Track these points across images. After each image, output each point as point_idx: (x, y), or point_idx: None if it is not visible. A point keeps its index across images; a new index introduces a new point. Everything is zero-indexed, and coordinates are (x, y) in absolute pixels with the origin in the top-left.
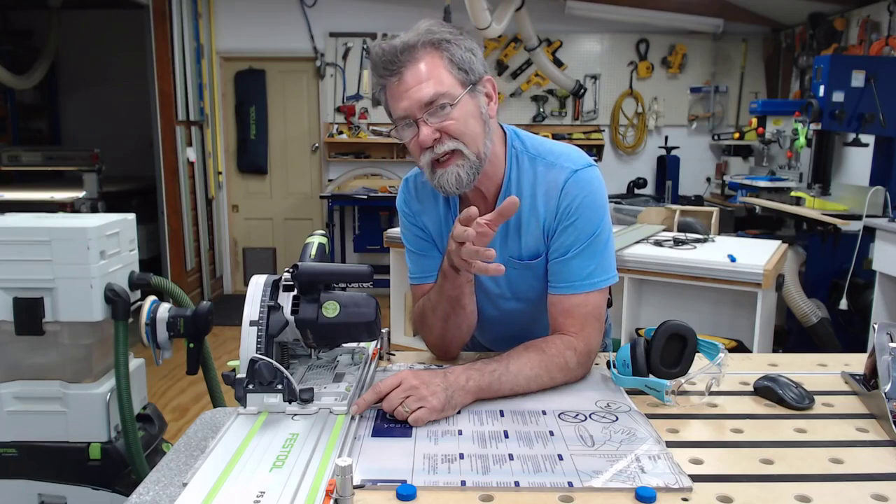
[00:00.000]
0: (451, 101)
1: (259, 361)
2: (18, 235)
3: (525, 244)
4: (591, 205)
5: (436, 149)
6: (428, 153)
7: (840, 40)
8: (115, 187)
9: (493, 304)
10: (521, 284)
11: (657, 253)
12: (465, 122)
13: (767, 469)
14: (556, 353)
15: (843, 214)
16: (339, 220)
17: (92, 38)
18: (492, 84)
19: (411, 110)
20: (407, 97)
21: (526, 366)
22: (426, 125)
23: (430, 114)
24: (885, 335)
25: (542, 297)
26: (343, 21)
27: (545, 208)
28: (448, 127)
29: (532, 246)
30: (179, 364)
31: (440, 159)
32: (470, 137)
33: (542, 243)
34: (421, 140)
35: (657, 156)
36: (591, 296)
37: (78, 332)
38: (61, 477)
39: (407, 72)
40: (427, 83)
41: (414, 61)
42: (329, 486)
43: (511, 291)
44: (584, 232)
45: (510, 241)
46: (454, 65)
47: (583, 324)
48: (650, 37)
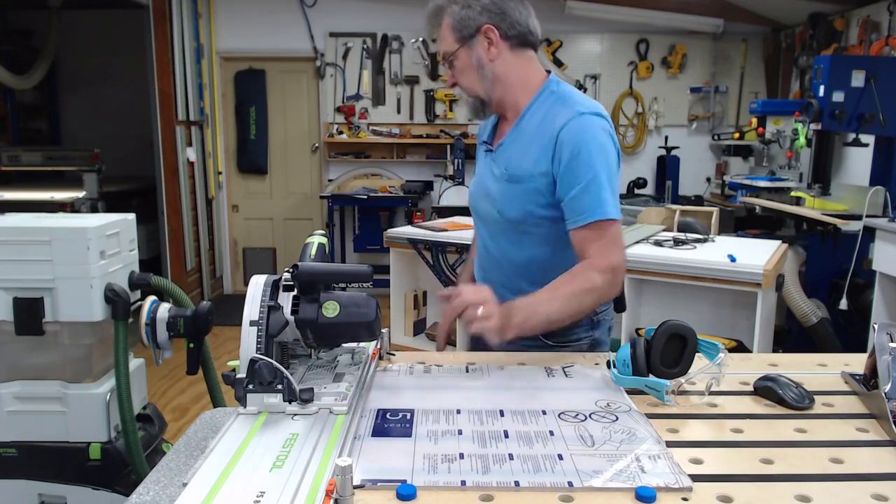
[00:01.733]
0: (453, 57)
1: (259, 361)
2: (18, 235)
3: (521, 162)
4: (589, 143)
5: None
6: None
7: (840, 40)
8: (115, 187)
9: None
10: (510, 204)
11: (657, 253)
12: (462, 73)
13: (767, 469)
14: (579, 273)
15: (843, 214)
16: (339, 220)
17: (92, 38)
18: (491, 31)
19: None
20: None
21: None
22: (450, 69)
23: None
24: (885, 335)
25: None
26: (343, 21)
27: (548, 137)
28: (454, 76)
29: (527, 166)
30: (179, 364)
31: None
32: (467, 85)
33: (535, 167)
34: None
35: (657, 156)
36: (603, 224)
37: (78, 332)
38: (61, 477)
39: (435, 31)
40: (440, 43)
41: (435, 23)
42: (329, 486)
43: (500, 211)
44: (585, 168)
45: (512, 153)
46: (452, 27)
47: (602, 248)
48: (650, 37)
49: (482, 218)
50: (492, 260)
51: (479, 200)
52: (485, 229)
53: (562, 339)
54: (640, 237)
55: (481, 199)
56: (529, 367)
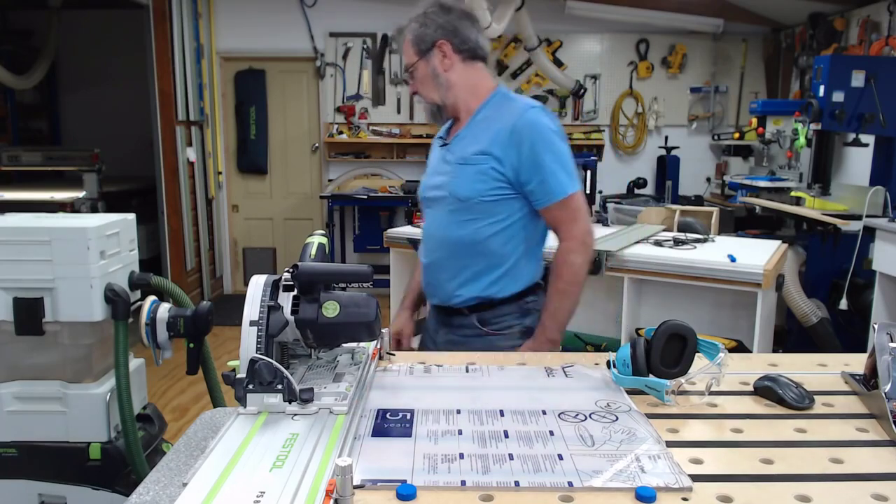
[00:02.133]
0: (413, 69)
1: (259, 361)
2: (18, 235)
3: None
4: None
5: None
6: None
7: (840, 40)
8: (115, 187)
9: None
10: (460, 184)
11: (657, 253)
12: (421, 82)
13: (767, 469)
14: (561, 266)
15: (843, 214)
16: (339, 220)
17: (92, 38)
18: (445, 45)
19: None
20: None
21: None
22: (411, 80)
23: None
24: (885, 335)
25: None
26: (343, 21)
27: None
28: (415, 86)
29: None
30: (179, 364)
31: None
32: (425, 93)
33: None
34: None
35: (657, 156)
36: (569, 199)
37: (78, 332)
38: (61, 477)
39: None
40: (404, 54)
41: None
42: (329, 486)
43: (451, 192)
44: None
45: (466, 143)
46: (411, 41)
47: (570, 222)
48: (650, 37)
49: (433, 203)
50: (440, 243)
51: (429, 189)
52: (435, 214)
53: (496, 328)
54: (640, 237)
55: (432, 188)
56: (529, 367)
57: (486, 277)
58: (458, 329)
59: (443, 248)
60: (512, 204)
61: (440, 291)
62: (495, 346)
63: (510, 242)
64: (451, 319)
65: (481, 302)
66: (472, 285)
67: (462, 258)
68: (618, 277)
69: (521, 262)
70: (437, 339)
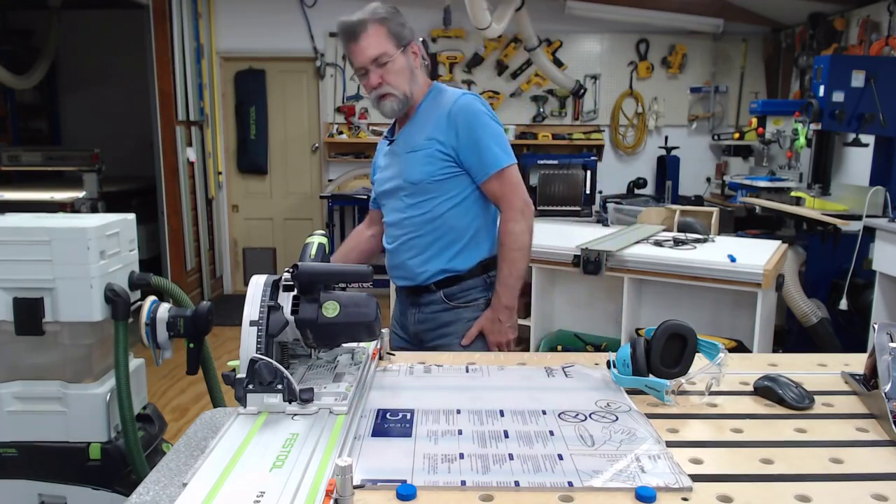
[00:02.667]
0: (389, 58)
1: (259, 361)
2: (18, 235)
3: (418, 136)
4: (476, 114)
5: (379, 90)
6: (372, 93)
7: (840, 40)
8: (115, 187)
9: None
10: (411, 170)
11: (657, 253)
12: (396, 73)
13: (767, 469)
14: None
15: (843, 214)
16: (339, 220)
17: (92, 38)
18: (418, 47)
19: (363, 64)
20: (360, 55)
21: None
22: (374, 73)
23: (376, 66)
24: (885, 335)
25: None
26: None
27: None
28: (387, 75)
29: (422, 138)
30: (179, 364)
31: (382, 95)
32: (397, 83)
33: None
34: (371, 84)
35: (657, 156)
36: (504, 172)
37: (78, 332)
38: (61, 477)
39: (362, 36)
40: (375, 46)
41: (366, 31)
42: (329, 486)
43: (404, 179)
44: (479, 133)
45: (411, 134)
46: (391, 34)
47: (509, 194)
48: (650, 37)
49: (389, 195)
50: (401, 227)
51: (382, 184)
52: (393, 204)
53: (461, 301)
54: (640, 237)
55: (385, 181)
56: (529, 367)
57: (449, 251)
58: (426, 307)
59: (404, 231)
60: (462, 180)
61: (406, 271)
62: (462, 317)
63: (466, 216)
64: (419, 298)
65: (447, 277)
66: (436, 260)
67: (423, 236)
68: (618, 277)
69: (481, 234)
70: (407, 322)
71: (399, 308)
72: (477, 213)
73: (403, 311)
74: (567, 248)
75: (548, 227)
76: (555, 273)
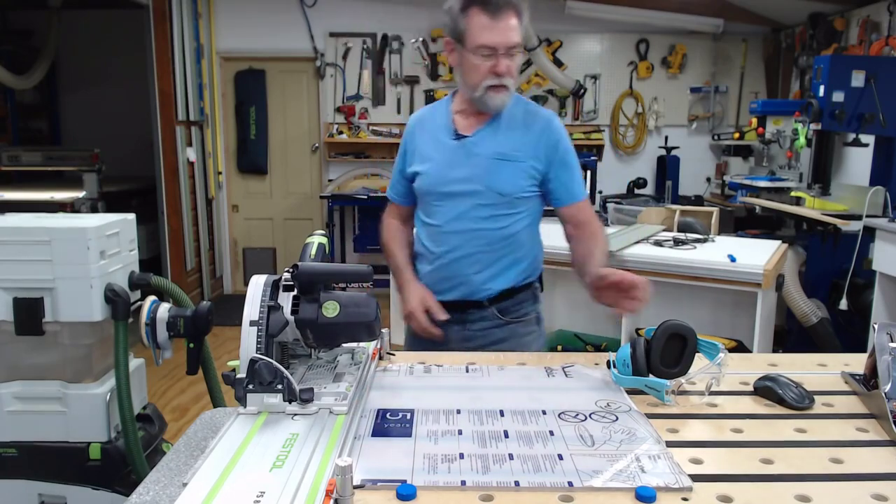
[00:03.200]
0: (519, 51)
1: (259, 361)
2: (18, 235)
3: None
4: (567, 141)
5: (501, 80)
6: (491, 79)
7: (840, 40)
8: (115, 187)
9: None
10: (500, 179)
11: (657, 253)
12: (517, 69)
13: (767, 469)
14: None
15: (843, 214)
16: (339, 220)
17: (92, 38)
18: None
19: (499, 45)
20: (501, 34)
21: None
22: (508, 59)
23: (508, 53)
24: (885, 335)
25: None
26: (343, 21)
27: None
28: (512, 68)
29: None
30: (179, 364)
31: (496, 86)
32: (516, 79)
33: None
34: (501, 69)
35: (657, 156)
36: (587, 201)
37: (78, 332)
38: (61, 477)
39: (505, 16)
40: (516, 33)
41: (514, 11)
42: (329, 486)
43: (489, 186)
44: (570, 160)
45: (497, 143)
46: (524, 28)
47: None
48: (650, 37)
49: (453, 198)
50: (469, 237)
51: (453, 183)
52: (459, 207)
53: (515, 316)
54: (640, 237)
55: (457, 181)
56: (529, 367)
57: (516, 269)
58: (474, 323)
59: (472, 242)
60: (539, 201)
61: (463, 286)
62: (516, 333)
63: (534, 236)
64: (465, 315)
65: (502, 292)
66: (503, 277)
67: (496, 251)
68: None
69: (538, 253)
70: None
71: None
72: (538, 234)
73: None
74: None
75: (548, 228)
76: (555, 273)
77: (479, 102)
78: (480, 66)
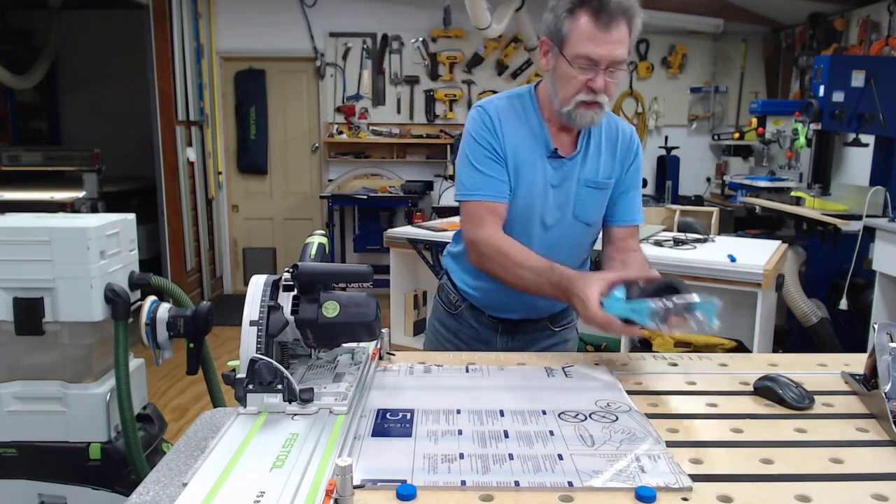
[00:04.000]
0: (623, 68)
1: (259, 361)
2: (18, 235)
3: (595, 172)
4: (641, 161)
5: (597, 97)
6: (585, 94)
7: (840, 40)
8: (115, 187)
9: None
10: (585, 207)
11: (657, 253)
12: (616, 87)
13: (767, 469)
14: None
15: (843, 214)
16: (339, 220)
17: (92, 38)
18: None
19: (603, 59)
20: (606, 47)
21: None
22: (609, 76)
23: (611, 71)
24: (885, 335)
25: (595, 221)
26: (343, 21)
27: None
28: (611, 86)
29: (601, 177)
30: (179, 364)
31: (592, 103)
32: (613, 99)
33: (612, 174)
34: (598, 86)
35: (657, 156)
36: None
37: (78, 332)
38: (61, 477)
39: (615, 26)
40: (624, 47)
41: (625, 21)
42: (329, 486)
43: (574, 213)
44: (638, 179)
45: (588, 167)
46: (630, 45)
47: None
48: (650, 37)
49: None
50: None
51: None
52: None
53: (562, 324)
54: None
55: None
56: (529, 367)
57: None
58: (524, 335)
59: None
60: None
61: (529, 308)
62: (564, 339)
63: (589, 251)
64: (516, 328)
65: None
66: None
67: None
68: None
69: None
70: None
71: (474, 332)
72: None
73: (485, 339)
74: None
75: None
76: None
77: (564, 116)
78: (577, 79)
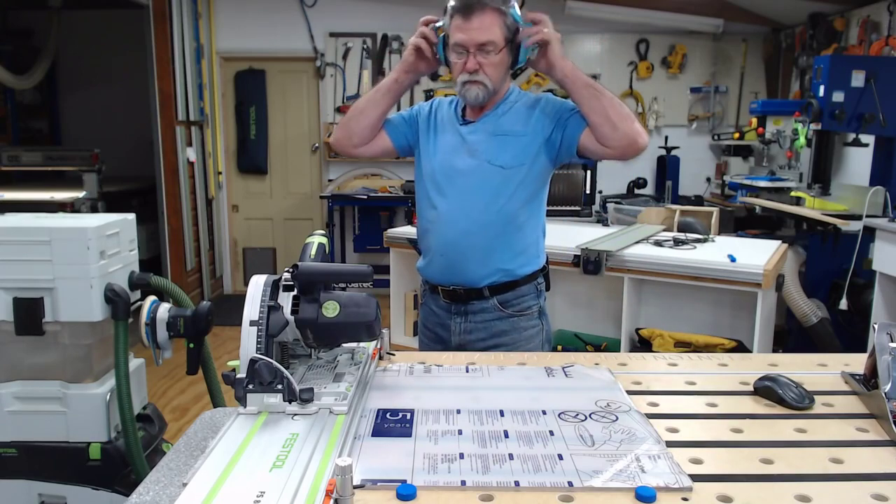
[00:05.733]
0: (495, 49)
1: (259, 361)
2: (18, 235)
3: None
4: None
5: (472, 76)
6: (466, 75)
7: (840, 40)
8: (115, 187)
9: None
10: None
11: (657, 253)
12: (495, 66)
13: (767, 469)
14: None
15: (843, 214)
16: (339, 220)
17: (92, 38)
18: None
19: (467, 43)
20: (469, 33)
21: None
22: (474, 58)
23: (479, 52)
24: (885, 335)
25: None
26: (343, 21)
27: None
28: (486, 66)
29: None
30: (179, 364)
31: (471, 81)
32: (493, 75)
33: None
34: (470, 66)
35: (657, 156)
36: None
37: (78, 332)
38: (61, 477)
39: (476, 16)
40: (486, 33)
41: (482, 12)
42: (329, 486)
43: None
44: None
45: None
46: (505, 26)
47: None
48: (650, 37)
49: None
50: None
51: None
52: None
53: (516, 309)
54: (640, 237)
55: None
56: (529, 367)
57: (513, 252)
58: (476, 314)
59: (473, 226)
60: (538, 178)
61: (465, 272)
62: (518, 326)
63: (532, 219)
64: (467, 306)
65: (502, 282)
66: (501, 261)
67: (495, 234)
68: (618, 277)
69: (539, 242)
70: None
71: (435, 317)
72: (539, 220)
73: (443, 322)
74: (567, 248)
75: (548, 227)
76: (555, 273)
77: (460, 94)
78: (456, 63)
